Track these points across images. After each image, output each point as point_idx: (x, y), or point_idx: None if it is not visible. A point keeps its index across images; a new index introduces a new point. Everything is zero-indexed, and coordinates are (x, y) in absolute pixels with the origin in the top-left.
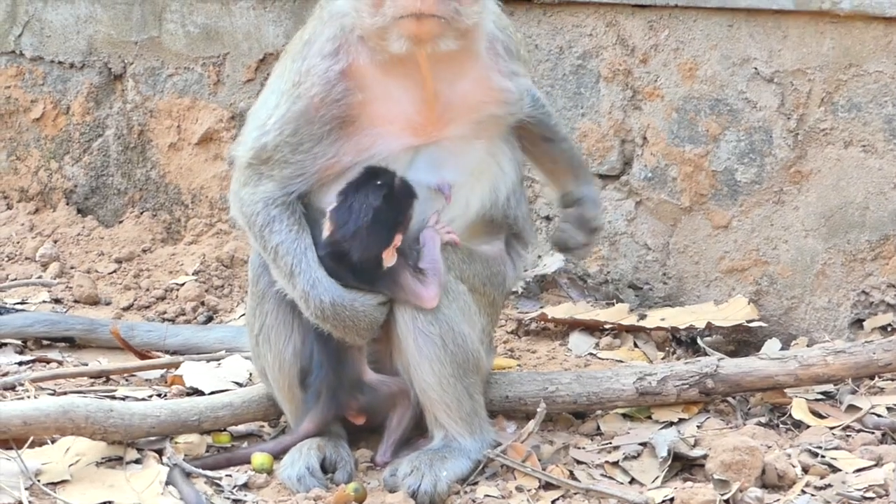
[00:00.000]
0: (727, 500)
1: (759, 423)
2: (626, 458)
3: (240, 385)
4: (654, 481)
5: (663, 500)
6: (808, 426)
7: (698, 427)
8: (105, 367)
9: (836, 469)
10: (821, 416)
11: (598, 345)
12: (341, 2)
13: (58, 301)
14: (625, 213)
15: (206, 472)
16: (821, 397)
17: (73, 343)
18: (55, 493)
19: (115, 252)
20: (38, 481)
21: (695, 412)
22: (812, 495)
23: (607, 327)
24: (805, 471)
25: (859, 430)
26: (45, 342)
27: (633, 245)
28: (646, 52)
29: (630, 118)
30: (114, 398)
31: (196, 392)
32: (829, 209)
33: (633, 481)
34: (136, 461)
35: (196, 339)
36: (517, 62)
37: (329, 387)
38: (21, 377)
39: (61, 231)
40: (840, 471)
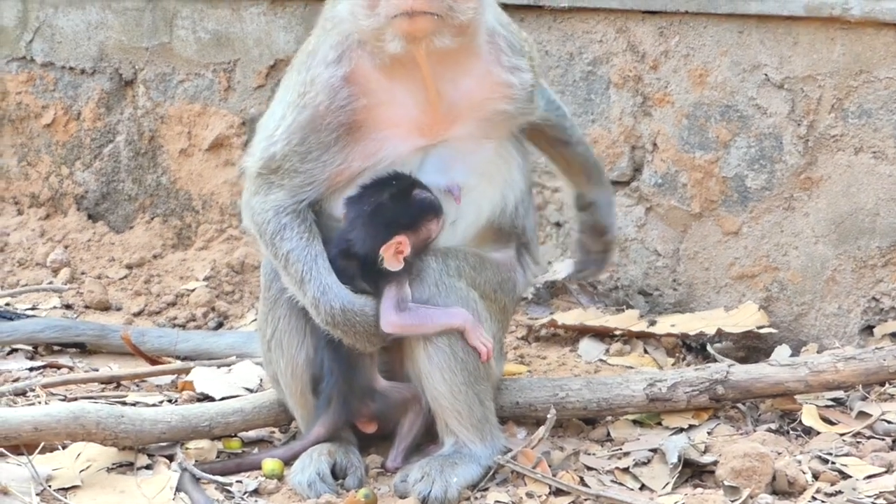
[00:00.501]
0: None
1: (770, 430)
2: (637, 464)
3: (250, 391)
4: (664, 487)
5: None
6: (819, 433)
7: (708, 433)
8: (116, 372)
9: (846, 475)
10: (831, 423)
11: (608, 351)
12: (340, 7)
13: (68, 307)
14: (635, 220)
15: (217, 478)
16: (831, 404)
17: (83, 349)
18: (66, 498)
19: (126, 258)
20: (50, 487)
21: (705, 418)
22: (822, 502)
23: (617, 333)
24: (815, 477)
25: (870, 437)
26: (55, 348)
27: (643, 251)
28: (656, 59)
29: (640, 124)
30: (124, 404)
31: (207, 398)
32: (839, 215)
33: (643, 487)
34: (147, 467)
35: (207, 344)
36: (521, 57)
37: (340, 393)
38: (32, 383)
39: (72, 237)
40: (850, 477)
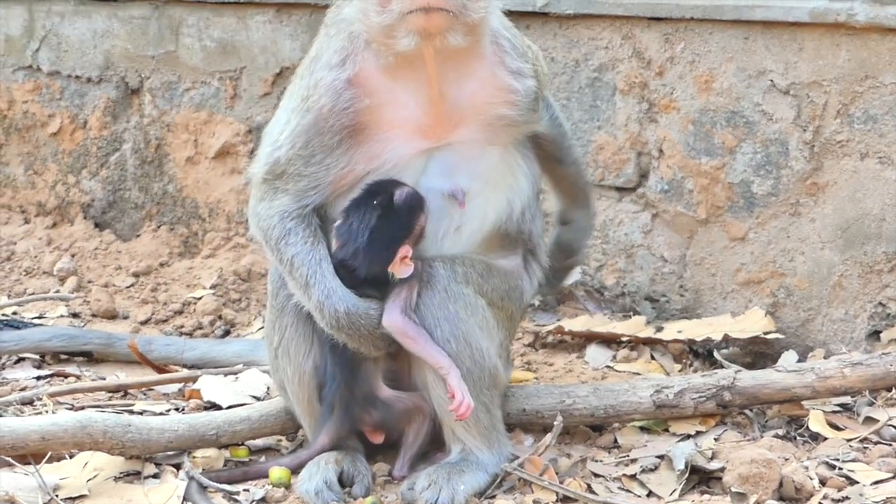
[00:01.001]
0: None
1: (777, 436)
2: (644, 470)
3: (257, 399)
4: (671, 494)
5: None
6: (826, 438)
7: (715, 439)
8: (123, 381)
9: (853, 481)
10: (838, 429)
11: (615, 357)
12: (348, 9)
13: (75, 315)
14: (641, 226)
15: (224, 487)
16: (838, 409)
17: (90, 357)
18: None
19: (133, 266)
20: (57, 496)
21: (712, 425)
22: None
23: (624, 340)
24: (822, 483)
25: (877, 443)
26: (63, 356)
27: (649, 257)
28: (662, 65)
29: (646, 131)
30: (132, 412)
31: (214, 406)
32: (845, 221)
33: (650, 494)
34: (154, 476)
35: (214, 352)
36: (524, 62)
37: (342, 400)
38: (39, 392)
39: (79, 245)
40: (857, 483)
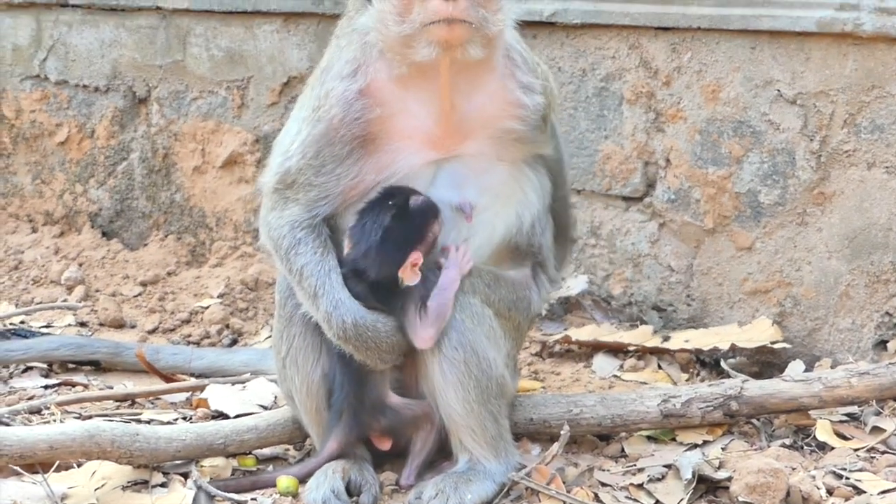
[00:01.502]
0: None
1: (784, 445)
2: (651, 480)
3: (265, 408)
4: (678, 503)
5: None
6: (833, 448)
7: (723, 449)
8: (131, 390)
9: (860, 491)
10: (845, 438)
11: (622, 367)
12: (364, 18)
13: (83, 324)
14: (648, 235)
15: (232, 496)
16: (845, 419)
17: (98, 366)
18: None
19: (140, 275)
20: None
21: (719, 434)
22: None
23: (631, 349)
24: (830, 493)
25: (884, 452)
26: (70, 365)
27: (656, 267)
28: (669, 75)
29: (653, 140)
30: (139, 421)
31: (221, 415)
32: (852, 230)
33: (657, 503)
34: (162, 485)
35: (221, 361)
36: (534, 77)
37: (350, 407)
38: (47, 401)
39: (86, 254)
40: (865, 492)
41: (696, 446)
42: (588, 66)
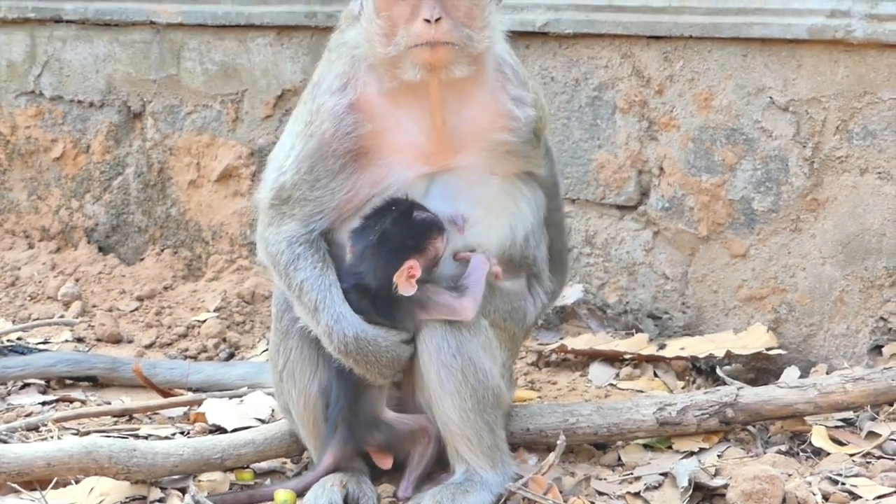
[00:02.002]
0: None
1: (780, 452)
2: (648, 488)
3: (262, 422)
4: None
5: None
6: (829, 453)
7: (719, 456)
8: (128, 405)
9: (856, 496)
10: (841, 444)
11: (618, 375)
12: (353, 33)
13: (80, 340)
14: (643, 244)
15: None
16: (840, 424)
17: (95, 382)
18: None
19: (137, 290)
20: None
21: (715, 441)
22: None
23: (627, 357)
24: (826, 498)
25: (879, 457)
26: (68, 381)
27: (651, 275)
28: (661, 83)
29: (646, 149)
30: (137, 436)
31: (219, 429)
32: (846, 236)
33: None
34: (160, 500)
35: (218, 375)
36: (525, 90)
37: (345, 421)
38: (44, 417)
39: (83, 270)
40: (861, 497)
41: (692, 454)
42: (581, 76)
